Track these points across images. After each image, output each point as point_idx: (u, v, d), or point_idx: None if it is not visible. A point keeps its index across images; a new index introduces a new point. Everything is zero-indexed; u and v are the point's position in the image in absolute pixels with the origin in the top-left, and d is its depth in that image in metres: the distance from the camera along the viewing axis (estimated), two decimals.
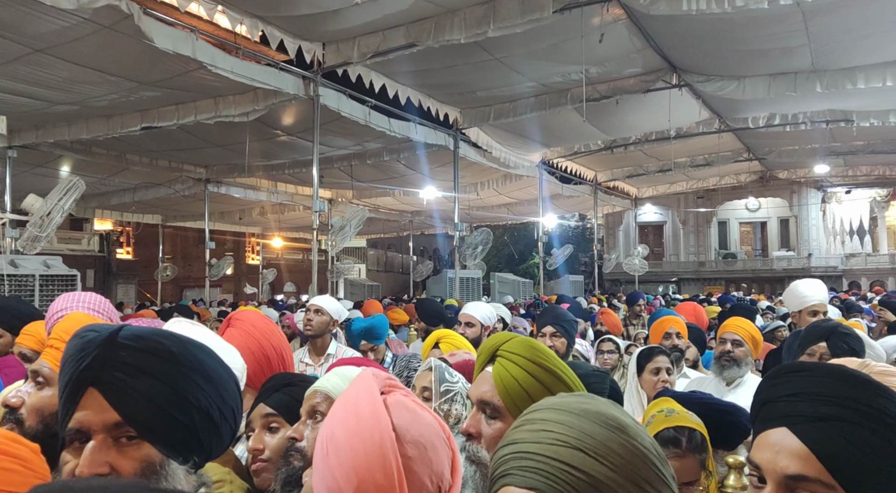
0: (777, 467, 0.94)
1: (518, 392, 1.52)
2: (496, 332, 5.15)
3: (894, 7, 8.00)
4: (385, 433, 1.05)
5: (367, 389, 1.14)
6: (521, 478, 0.80)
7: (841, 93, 10.45)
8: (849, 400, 0.93)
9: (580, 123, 11.87)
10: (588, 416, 0.82)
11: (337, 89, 9.86)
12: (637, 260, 21.35)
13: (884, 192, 27.40)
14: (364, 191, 17.22)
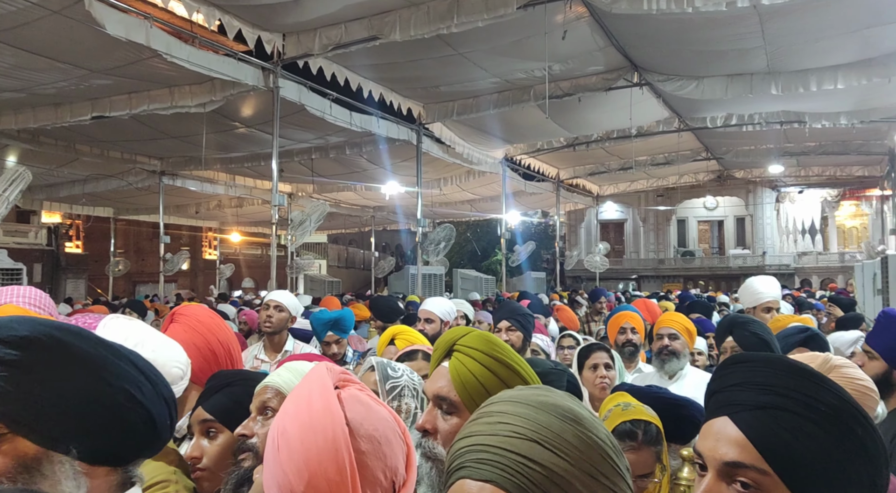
0: (717, 454, 0.95)
1: (475, 387, 1.49)
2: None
3: (845, 12, 8.22)
4: (338, 427, 1.03)
5: (320, 383, 1.11)
6: (476, 471, 0.79)
7: (795, 95, 10.72)
8: (787, 390, 0.94)
9: (543, 120, 11.93)
10: (545, 408, 0.82)
11: (297, 81, 9.70)
12: (598, 257, 21.62)
13: (834, 192, 28.30)
14: (325, 185, 17.02)
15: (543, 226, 33.43)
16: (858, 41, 9.08)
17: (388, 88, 11.23)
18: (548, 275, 26.37)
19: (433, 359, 1.60)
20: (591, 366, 3.16)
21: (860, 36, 8.89)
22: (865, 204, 28.17)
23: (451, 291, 17.95)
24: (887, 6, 8.06)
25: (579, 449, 0.78)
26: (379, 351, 3.43)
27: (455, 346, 1.54)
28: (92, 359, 1.06)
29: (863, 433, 0.92)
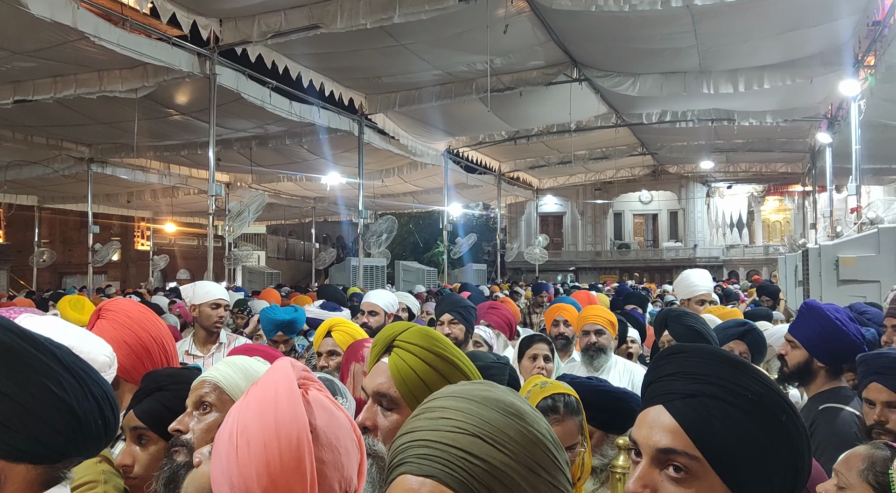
0: (650, 441, 0.99)
1: (415, 382, 1.49)
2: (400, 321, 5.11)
3: (770, 15, 8.58)
4: (303, 434, 0.98)
5: (287, 383, 1.05)
6: (417, 466, 0.79)
7: (725, 93, 11.13)
8: (718, 378, 0.99)
9: (485, 113, 12.01)
10: (487, 403, 0.82)
11: (235, 69, 9.44)
12: (538, 249, 21.96)
13: (760, 188, 29.56)
14: (264, 175, 16.65)
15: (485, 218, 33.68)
16: (782, 43, 9.51)
17: (330, 78, 11.07)
18: (489, 267, 26.62)
19: (372, 355, 1.60)
20: (530, 356, 3.22)
21: (784, 38, 9.31)
22: (788, 199, 29.54)
23: (392, 283, 17.89)
24: (808, 11, 8.47)
25: (520, 444, 0.79)
26: (316, 343, 3.39)
27: (395, 342, 1.54)
28: (6, 350, 1.01)
29: (786, 420, 0.98)
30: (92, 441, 1.09)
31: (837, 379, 2.60)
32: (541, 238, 23.35)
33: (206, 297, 3.89)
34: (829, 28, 8.99)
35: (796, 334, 2.67)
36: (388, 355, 1.55)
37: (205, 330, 3.91)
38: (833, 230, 11.93)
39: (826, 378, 2.60)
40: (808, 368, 2.62)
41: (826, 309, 2.62)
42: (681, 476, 0.95)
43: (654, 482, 0.97)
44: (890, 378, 2.00)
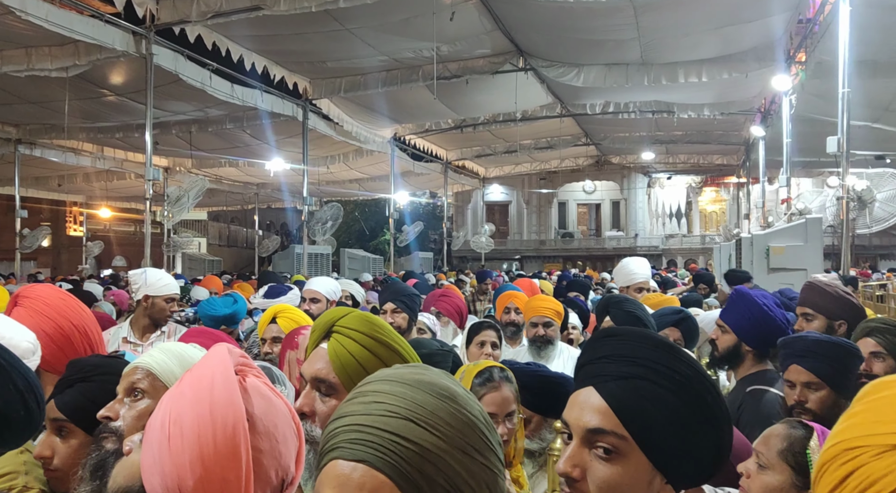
0: (580, 422, 1.01)
1: (354, 368, 1.48)
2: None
3: (708, 10, 8.83)
4: (239, 422, 0.96)
5: (223, 369, 1.02)
6: (349, 451, 0.78)
7: (665, 86, 11.42)
8: (648, 361, 1.02)
9: (431, 100, 11.98)
10: (420, 386, 0.82)
11: (173, 49, 9.10)
12: (484, 238, 22.13)
13: (698, 179, 30.54)
14: (205, 160, 16.19)
15: (431, 206, 33.68)
16: (719, 38, 9.81)
17: (273, 62, 10.81)
18: (435, 255, 26.66)
19: (311, 340, 1.58)
20: (478, 343, 3.24)
21: (721, 33, 9.60)
22: (724, 190, 30.63)
23: (338, 271, 17.72)
24: (743, 7, 8.74)
25: (453, 426, 0.79)
26: (260, 330, 3.33)
27: (334, 327, 1.53)
28: None
29: (711, 400, 1.02)
30: (15, 432, 1.04)
31: (764, 362, 2.72)
32: (487, 227, 23.54)
33: (163, 290, 3.75)
34: (762, 24, 9.31)
35: (727, 319, 2.77)
36: (327, 341, 1.53)
37: (151, 320, 3.78)
38: (765, 220, 12.44)
39: (753, 362, 2.71)
40: (737, 352, 2.73)
41: (755, 295, 2.73)
42: (609, 456, 0.98)
43: (584, 461, 0.99)
44: (809, 360, 2.09)
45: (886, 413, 0.58)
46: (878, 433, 0.56)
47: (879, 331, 2.33)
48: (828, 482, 0.59)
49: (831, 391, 2.04)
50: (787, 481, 1.57)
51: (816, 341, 2.15)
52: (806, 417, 2.04)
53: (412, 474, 0.76)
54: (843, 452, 0.59)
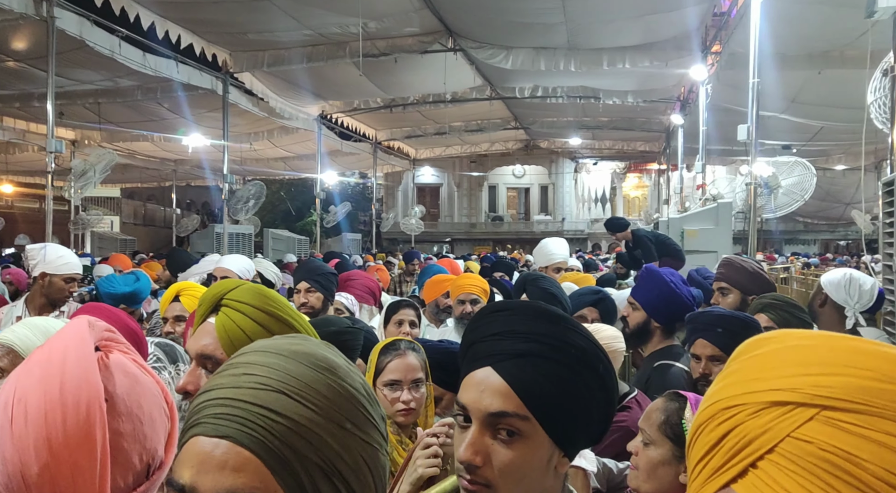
0: (481, 405, 0.97)
1: (244, 344, 1.38)
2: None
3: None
4: (94, 402, 0.86)
5: (79, 344, 0.91)
6: (212, 426, 0.71)
7: (591, 72, 11.62)
8: (543, 336, 0.99)
9: (359, 78, 11.74)
10: (296, 357, 0.76)
11: (78, 13, 8.50)
12: (414, 220, 22.05)
13: (622, 165, 31.48)
14: (117, 134, 15.32)
15: (361, 187, 33.31)
16: (642, 26, 10.03)
17: (189, 31, 10.29)
18: (364, 236, 26.40)
19: (198, 314, 1.48)
20: (396, 322, 3.19)
21: (643, 21, 9.82)
22: (647, 176, 31.72)
23: (262, 251, 17.25)
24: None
25: (329, 399, 0.74)
26: (162, 309, 3.16)
27: (223, 300, 1.44)
28: None
29: (603, 370, 1.00)
30: None
31: (671, 338, 2.80)
32: (417, 209, 23.45)
33: (62, 268, 3.56)
34: (680, 14, 9.58)
35: (637, 296, 2.84)
36: (215, 315, 1.44)
37: (48, 300, 3.56)
38: (683, 206, 12.92)
39: (661, 338, 2.79)
40: (646, 328, 2.80)
41: (663, 273, 2.80)
42: (512, 439, 0.95)
43: (486, 446, 0.96)
44: (713, 334, 2.15)
45: (762, 370, 0.56)
46: (754, 391, 0.55)
47: (772, 307, 2.43)
48: (704, 443, 0.58)
49: None
50: (667, 453, 1.59)
51: (720, 316, 2.22)
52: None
53: (282, 450, 0.70)
54: (719, 411, 0.57)
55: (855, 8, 6.78)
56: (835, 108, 11.65)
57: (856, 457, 0.48)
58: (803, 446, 0.51)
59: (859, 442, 0.49)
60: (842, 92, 10.31)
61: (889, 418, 0.49)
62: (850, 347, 0.54)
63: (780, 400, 0.53)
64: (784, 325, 2.39)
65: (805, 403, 0.52)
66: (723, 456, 0.55)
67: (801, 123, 13.03)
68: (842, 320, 2.85)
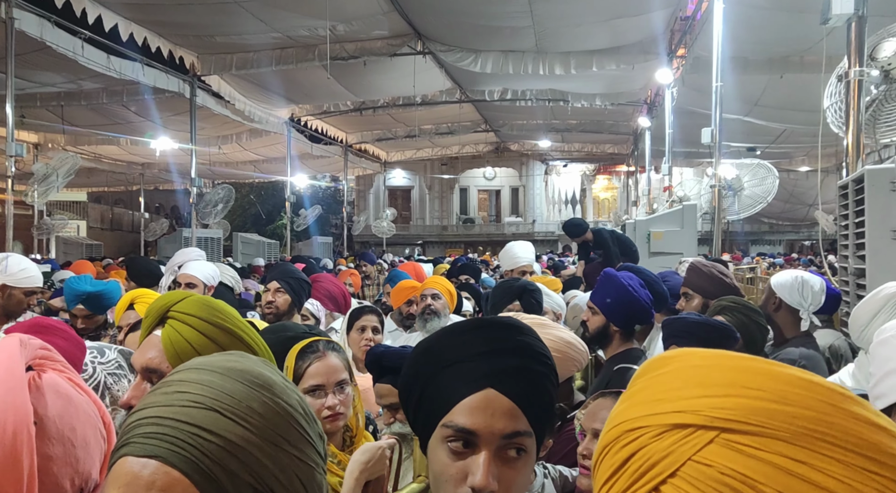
0: (494, 429, 0.95)
1: (191, 357, 1.37)
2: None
3: (600, 1, 9.10)
4: (22, 426, 0.85)
5: (7, 365, 0.90)
6: (140, 446, 0.70)
7: (559, 75, 11.71)
8: (525, 349, 1.01)
9: (328, 80, 11.68)
10: (231, 374, 0.75)
11: (39, 14, 8.32)
12: (385, 223, 21.98)
13: (592, 167, 31.79)
14: (81, 137, 15.02)
15: (332, 191, 33.12)
16: (609, 30, 10.15)
17: (155, 33, 10.14)
18: (335, 240, 26.26)
19: (144, 326, 1.46)
20: (359, 328, 3.17)
21: (610, 25, 9.94)
22: (616, 178, 32.07)
23: (231, 255, 17.06)
24: (628, 2, 9.09)
25: (264, 417, 0.73)
26: (117, 317, 3.11)
27: (169, 312, 1.42)
28: None
29: (552, 364, 1.04)
30: None
31: (630, 341, 2.83)
32: (388, 212, 23.38)
33: (24, 281, 3.47)
34: (646, 19, 9.72)
35: (595, 300, 2.86)
36: (161, 327, 1.42)
37: (3, 311, 3.48)
38: (650, 208, 13.09)
39: (620, 341, 2.81)
40: (606, 332, 2.82)
41: (620, 277, 2.83)
42: (519, 456, 0.96)
43: (496, 469, 0.94)
44: (686, 340, 2.17)
45: (665, 391, 0.56)
46: (658, 413, 0.55)
47: (729, 309, 2.47)
48: (609, 465, 0.58)
49: None
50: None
51: (696, 323, 2.24)
52: None
53: (213, 469, 0.69)
54: (624, 433, 0.57)
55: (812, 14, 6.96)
56: (796, 111, 11.92)
57: (752, 480, 0.48)
58: (704, 469, 0.51)
59: (755, 465, 0.49)
60: (802, 95, 10.55)
61: (782, 439, 0.49)
62: (747, 367, 0.54)
63: (682, 422, 0.53)
64: (741, 327, 2.43)
65: (705, 425, 0.52)
66: (627, 479, 0.55)
67: (764, 125, 13.31)
68: (797, 322, 2.91)
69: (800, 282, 2.88)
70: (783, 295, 2.88)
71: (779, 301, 2.89)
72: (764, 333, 2.50)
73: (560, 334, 2.15)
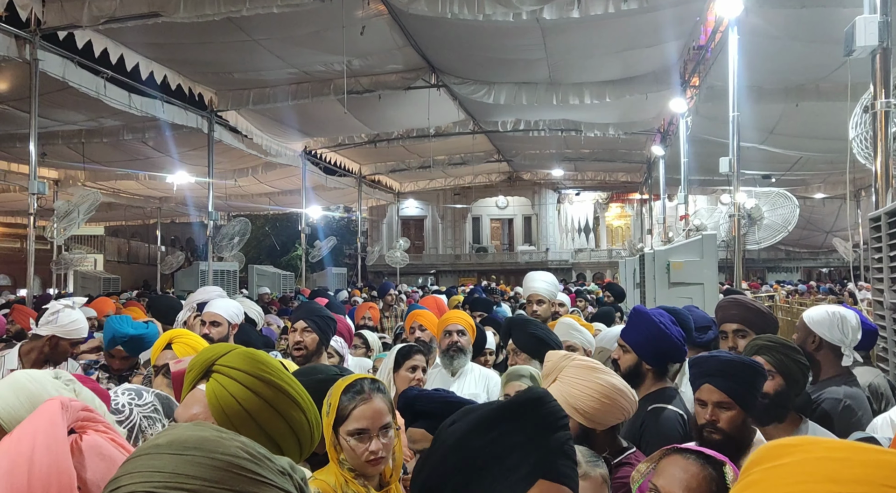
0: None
1: (236, 412, 1.36)
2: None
3: (610, 34, 9.19)
4: (66, 490, 0.84)
5: (49, 429, 0.88)
6: None
7: (572, 105, 11.79)
8: (555, 418, 0.99)
9: (343, 114, 11.83)
10: (158, 450, 0.78)
11: (62, 55, 8.51)
12: (399, 253, 22.00)
13: (605, 195, 31.77)
14: (101, 173, 15.26)
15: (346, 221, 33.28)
16: (621, 61, 10.23)
17: (174, 71, 10.34)
18: (349, 270, 26.29)
19: (187, 381, 1.44)
20: (409, 367, 3.16)
21: (622, 57, 10.02)
22: (629, 206, 32.00)
23: (246, 287, 17.09)
24: (642, 32, 9.16)
25: (202, 478, 0.75)
26: (153, 356, 3.09)
27: (214, 366, 1.40)
28: None
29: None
30: None
31: (663, 380, 2.76)
32: (402, 241, 23.42)
33: (73, 333, 3.52)
34: (659, 50, 9.79)
35: (627, 338, 2.81)
36: (205, 381, 1.40)
37: (47, 359, 3.51)
38: (666, 236, 13.01)
39: (653, 380, 2.75)
40: (638, 370, 2.76)
41: (651, 314, 2.78)
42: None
43: None
44: (719, 380, 2.11)
45: (789, 484, 0.54)
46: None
47: (768, 349, 2.40)
48: None
49: (741, 411, 2.07)
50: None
51: (729, 361, 2.18)
52: (716, 436, 2.06)
53: None
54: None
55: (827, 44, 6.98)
56: (813, 139, 11.88)
57: None
58: None
59: None
60: (819, 123, 10.53)
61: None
62: (883, 462, 0.51)
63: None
64: (781, 368, 2.36)
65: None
66: None
67: (780, 153, 13.27)
68: (837, 359, 2.82)
69: (839, 318, 2.81)
70: (822, 333, 2.80)
71: (819, 340, 2.81)
72: (805, 372, 2.43)
73: (612, 380, 2.10)
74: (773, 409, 2.35)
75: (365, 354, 4.60)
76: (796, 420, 2.40)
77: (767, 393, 2.34)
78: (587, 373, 2.07)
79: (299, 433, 1.39)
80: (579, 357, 2.15)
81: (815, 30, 7.75)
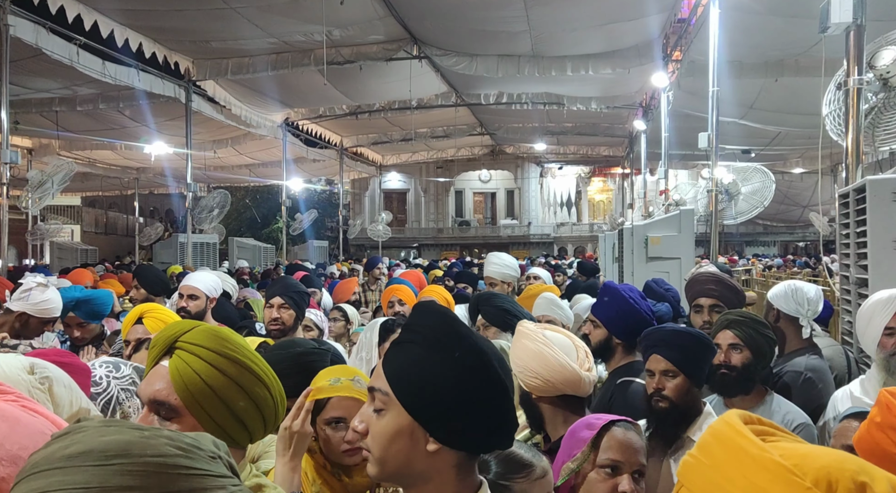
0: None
1: (200, 389, 1.36)
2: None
3: (594, 6, 9.12)
4: None
5: None
6: None
7: (554, 78, 11.73)
8: (423, 328, 1.15)
9: (324, 85, 11.67)
10: (75, 462, 0.71)
11: (34, 21, 8.27)
12: (381, 226, 21.93)
13: (587, 169, 31.80)
14: (76, 142, 14.97)
15: (328, 194, 33.06)
16: (604, 34, 10.17)
17: (150, 39, 10.10)
18: (331, 243, 26.20)
19: (150, 357, 1.44)
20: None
21: (605, 30, 9.95)
22: (611, 180, 32.10)
23: (227, 260, 17.00)
24: (624, 5, 9.10)
25: (133, 486, 0.70)
26: (124, 331, 3.09)
27: (177, 342, 1.40)
28: None
29: (485, 373, 1.09)
30: None
31: (632, 354, 2.82)
32: (384, 215, 23.33)
33: (44, 312, 3.51)
34: (641, 23, 9.73)
35: (597, 314, 2.86)
36: (168, 358, 1.40)
37: (19, 336, 3.48)
38: (646, 210, 13.10)
39: (623, 354, 2.81)
40: (608, 345, 2.82)
41: (621, 290, 2.83)
42: (379, 412, 1.10)
43: (368, 417, 1.11)
44: (665, 349, 2.18)
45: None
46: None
47: (737, 323, 2.46)
48: None
49: (686, 379, 2.14)
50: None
51: (674, 332, 2.25)
52: (663, 404, 2.13)
53: None
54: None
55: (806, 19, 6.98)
56: (791, 114, 11.96)
57: None
58: None
59: None
60: (798, 99, 10.59)
61: None
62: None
63: None
64: (749, 341, 2.42)
65: None
66: None
67: (759, 128, 13.35)
68: (799, 331, 2.92)
69: (792, 289, 2.91)
70: (780, 305, 2.89)
71: (777, 312, 2.90)
72: (772, 346, 2.50)
73: (557, 358, 2.06)
74: (741, 382, 2.43)
75: (344, 327, 4.62)
76: (762, 392, 2.48)
77: (735, 366, 2.41)
78: (536, 356, 2.06)
79: (263, 409, 1.40)
80: (550, 329, 2.17)
81: (795, 4, 7.75)
